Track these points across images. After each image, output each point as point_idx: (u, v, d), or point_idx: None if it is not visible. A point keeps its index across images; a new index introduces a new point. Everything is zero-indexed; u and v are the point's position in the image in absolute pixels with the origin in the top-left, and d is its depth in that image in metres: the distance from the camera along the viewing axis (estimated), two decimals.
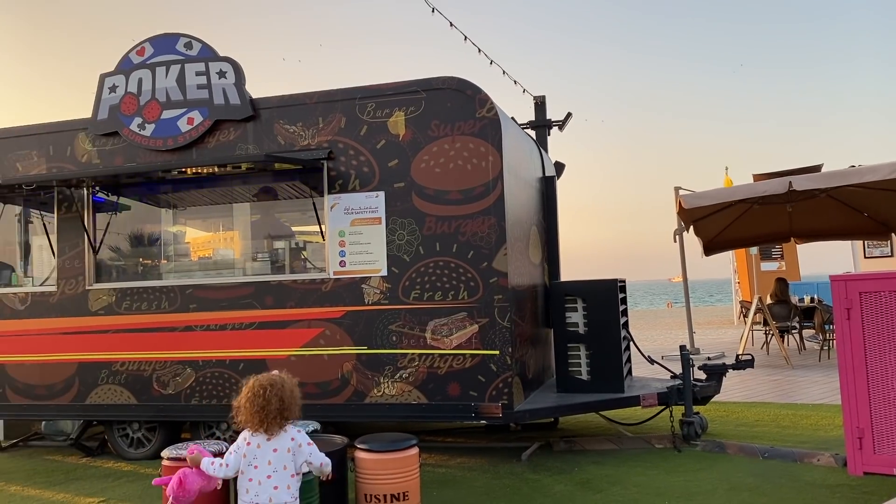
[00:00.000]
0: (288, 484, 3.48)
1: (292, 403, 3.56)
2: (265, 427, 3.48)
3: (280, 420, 3.50)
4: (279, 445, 3.50)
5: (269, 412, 3.46)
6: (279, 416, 3.49)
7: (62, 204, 6.74)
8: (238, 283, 6.26)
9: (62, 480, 5.97)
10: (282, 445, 3.50)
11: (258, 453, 3.49)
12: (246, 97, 6.23)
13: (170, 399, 6.30)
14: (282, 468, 3.48)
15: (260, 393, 3.49)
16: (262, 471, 3.46)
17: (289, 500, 3.46)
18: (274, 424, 3.49)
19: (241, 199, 6.80)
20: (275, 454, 3.48)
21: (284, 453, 3.49)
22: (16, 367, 6.72)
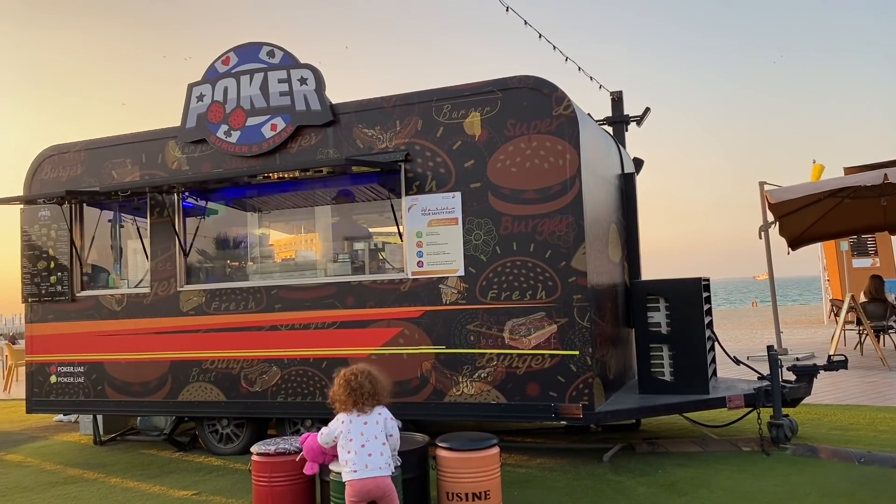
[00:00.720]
0: (381, 451, 3.88)
1: (382, 388, 4.05)
2: (358, 407, 3.94)
3: (371, 400, 3.96)
4: (369, 420, 3.93)
5: (360, 394, 3.94)
6: (371, 397, 3.97)
7: (154, 209, 7.06)
8: (320, 283, 6.41)
9: (157, 474, 6.25)
10: (371, 419, 3.94)
11: (352, 428, 3.91)
12: (326, 103, 6.38)
13: (257, 396, 6.52)
14: (373, 437, 3.89)
15: (352, 378, 3.99)
16: (356, 442, 3.87)
17: (382, 465, 3.83)
18: (366, 404, 3.95)
19: (322, 201, 6.97)
20: (366, 426, 3.91)
21: (374, 425, 3.92)
22: (113, 365, 7.08)
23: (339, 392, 4.00)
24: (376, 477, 3.81)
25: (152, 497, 5.52)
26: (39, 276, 7.47)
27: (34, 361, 7.46)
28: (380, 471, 3.82)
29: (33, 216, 7.57)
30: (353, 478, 3.82)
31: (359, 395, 3.93)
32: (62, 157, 7.48)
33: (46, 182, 7.49)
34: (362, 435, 3.89)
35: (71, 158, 7.42)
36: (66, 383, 7.27)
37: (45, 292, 7.43)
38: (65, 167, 7.43)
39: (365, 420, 3.93)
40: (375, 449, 3.86)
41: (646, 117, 9.80)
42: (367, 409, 3.95)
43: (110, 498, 5.55)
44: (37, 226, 7.55)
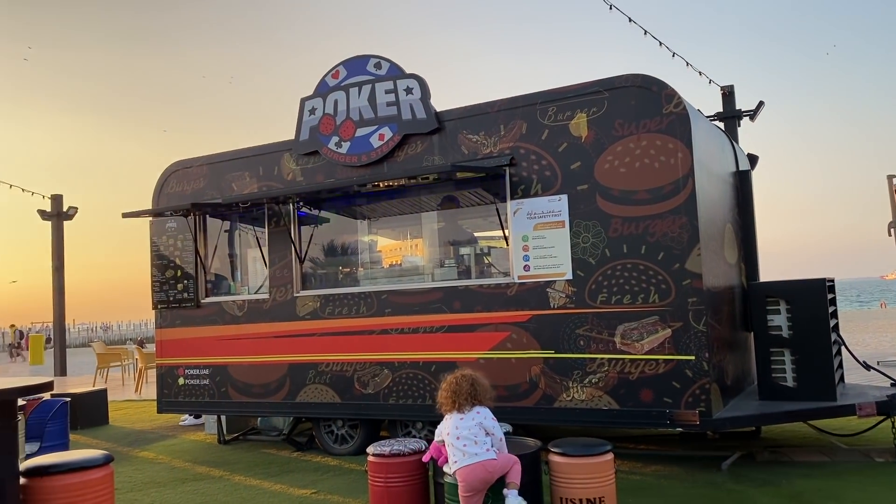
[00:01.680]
0: (476, 440, 4.06)
1: (483, 390, 4.26)
2: (458, 407, 4.19)
3: (470, 401, 4.19)
4: (466, 416, 4.15)
5: (460, 395, 4.19)
6: (470, 398, 4.19)
7: (272, 219, 7.39)
8: (428, 288, 6.52)
9: (277, 472, 6.53)
10: (468, 416, 4.15)
11: (451, 426, 4.16)
12: (431, 111, 6.48)
13: (369, 398, 6.69)
14: (468, 431, 4.09)
15: (453, 382, 4.29)
16: (452, 436, 4.12)
17: (480, 451, 4.02)
18: (465, 404, 4.18)
19: (428, 207, 7.09)
20: (461, 421, 4.14)
21: (470, 421, 4.13)
22: (236, 368, 7.46)
23: (443, 395, 4.30)
24: (475, 463, 4.00)
25: (274, 495, 5.76)
26: (167, 283, 7.97)
27: (164, 364, 7.96)
28: (476, 457, 4.02)
29: (161, 228, 8.08)
30: (456, 468, 4.05)
31: (457, 396, 4.20)
32: (186, 171, 7.95)
33: (172, 196, 7.99)
34: (457, 429, 4.11)
35: (194, 173, 7.88)
36: (193, 385, 7.71)
37: (172, 299, 7.92)
38: (189, 181, 7.90)
39: (462, 417, 4.16)
40: (470, 440, 4.06)
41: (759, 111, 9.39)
42: (465, 409, 4.18)
43: (235, 495, 5.83)
44: (164, 237, 8.06)
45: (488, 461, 4.02)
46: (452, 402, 4.22)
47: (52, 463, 3.65)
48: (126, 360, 15.91)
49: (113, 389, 12.91)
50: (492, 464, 4.03)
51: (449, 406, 4.24)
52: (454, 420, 4.18)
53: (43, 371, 22.58)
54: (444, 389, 4.32)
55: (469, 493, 4.01)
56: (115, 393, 13.36)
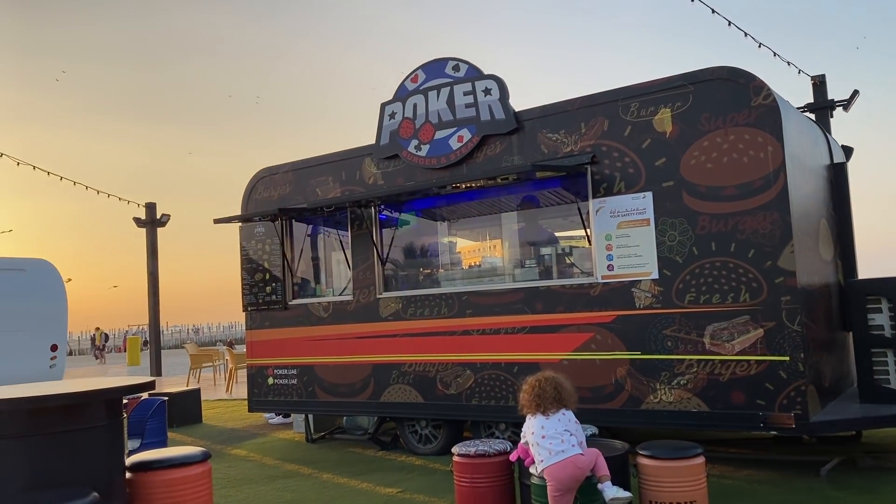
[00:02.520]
0: (562, 439, 4.02)
1: (567, 393, 4.20)
2: (542, 409, 4.13)
3: (555, 404, 4.13)
4: (552, 417, 4.11)
5: (544, 398, 4.14)
6: (555, 401, 4.14)
7: (354, 222, 7.54)
8: (509, 288, 6.50)
9: (363, 471, 6.65)
10: (554, 417, 4.11)
11: (536, 427, 4.11)
12: (510, 111, 6.47)
13: (452, 399, 6.73)
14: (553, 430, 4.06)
15: (536, 384, 4.22)
16: (537, 435, 4.08)
17: (567, 449, 3.98)
18: (550, 407, 4.13)
19: (507, 208, 7.07)
20: (547, 421, 4.10)
21: (556, 422, 4.09)
22: (322, 368, 7.64)
23: (525, 397, 4.25)
24: (565, 459, 3.95)
25: (361, 493, 5.87)
26: (256, 286, 8.24)
27: (254, 365, 8.23)
28: (563, 454, 3.97)
29: (250, 233, 8.36)
30: (544, 467, 4.00)
31: (542, 399, 4.15)
32: (272, 178, 8.20)
33: (260, 201, 8.25)
34: (543, 428, 4.08)
35: (280, 179, 8.12)
36: (282, 385, 7.94)
37: (261, 301, 8.18)
38: (275, 187, 8.15)
39: (546, 418, 4.12)
40: (556, 438, 4.02)
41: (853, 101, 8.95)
42: (549, 412, 4.13)
43: (324, 492, 5.97)
44: (253, 241, 8.33)
45: (577, 457, 3.98)
46: (536, 404, 4.17)
47: (154, 459, 3.83)
48: (217, 361, 16.54)
49: (205, 389, 13.43)
50: (581, 459, 3.98)
51: (532, 408, 4.20)
52: (538, 420, 4.15)
53: (139, 371, 23.73)
54: (526, 392, 4.27)
55: (559, 493, 3.95)
56: (207, 392, 13.90)
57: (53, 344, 13.41)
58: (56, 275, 13.82)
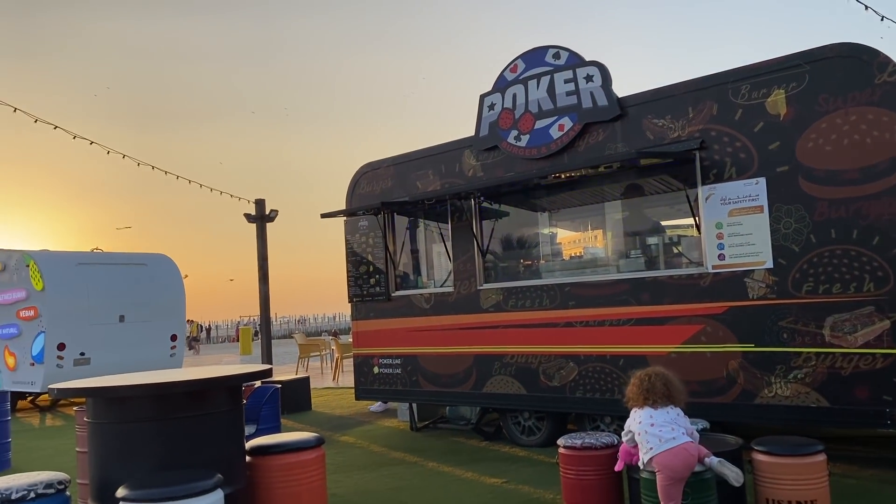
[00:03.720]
0: (672, 427, 3.92)
1: (677, 391, 4.09)
2: (651, 403, 4.04)
3: (664, 400, 4.03)
4: (661, 410, 4.01)
5: (653, 392, 4.04)
6: (664, 398, 4.03)
7: (454, 214, 7.60)
8: (613, 279, 6.38)
9: (468, 461, 6.71)
10: (663, 410, 4.01)
11: (643, 418, 4.02)
12: (613, 97, 6.34)
13: (555, 391, 6.68)
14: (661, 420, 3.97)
15: (645, 378, 4.12)
16: (644, 424, 3.99)
17: (677, 436, 3.88)
18: (659, 402, 4.03)
19: (610, 197, 6.93)
20: (656, 413, 4.01)
21: (664, 414, 3.99)
22: (425, 358, 7.75)
23: (633, 391, 4.17)
24: (676, 446, 3.84)
25: (466, 482, 5.93)
26: (361, 278, 8.45)
27: (359, 354, 8.45)
28: (674, 441, 3.86)
29: (354, 226, 8.58)
30: (653, 454, 3.90)
31: (650, 394, 4.05)
32: (375, 172, 8.38)
33: (363, 196, 8.45)
34: (651, 417, 4.00)
35: (382, 173, 8.28)
36: (386, 374, 8.12)
37: (366, 293, 8.38)
38: (378, 181, 8.32)
39: (655, 410, 4.03)
40: (667, 426, 3.93)
41: None
42: (658, 406, 4.03)
43: (429, 480, 6.07)
44: (357, 234, 8.54)
45: (688, 444, 3.87)
46: (644, 398, 4.08)
47: (272, 443, 4.01)
48: (324, 351, 17.09)
49: (313, 378, 13.91)
50: (692, 446, 3.88)
51: (640, 402, 4.11)
52: (646, 411, 4.05)
53: (251, 360, 24.84)
54: (634, 385, 4.18)
55: (669, 482, 3.83)
56: (315, 381, 14.39)
57: (173, 334, 14.25)
58: (175, 269, 14.66)
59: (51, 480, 3.58)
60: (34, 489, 3.48)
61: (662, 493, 3.87)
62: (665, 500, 3.87)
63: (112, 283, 13.27)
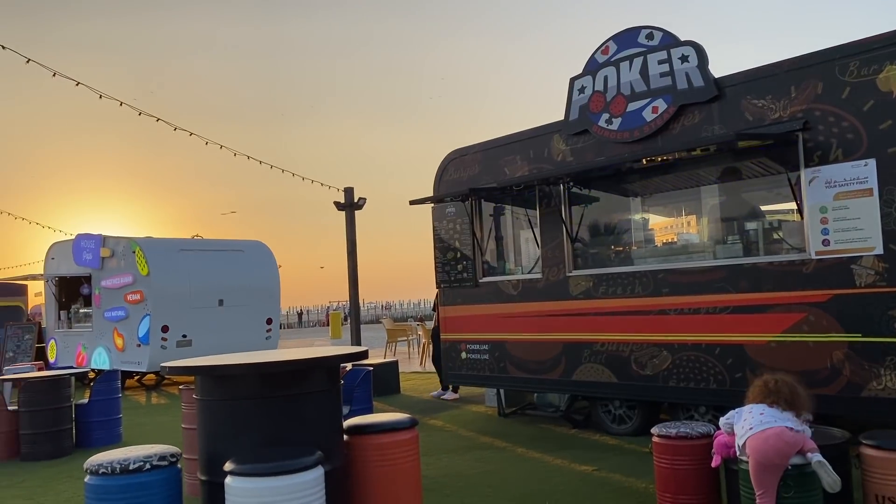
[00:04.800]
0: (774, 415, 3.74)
1: (802, 401, 3.86)
2: (769, 402, 3.83)
3: (786, 405, 3.80)
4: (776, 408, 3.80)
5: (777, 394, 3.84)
6: (786, 402, 3.82)
7: (543, 200, 7.54)
8: (709, 266, 6.20)
9: (556, 448, 6.69)
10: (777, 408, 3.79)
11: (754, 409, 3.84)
12: (710, 78, 6.13)
13: (647, 380, 6.56)
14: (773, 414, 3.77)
15: (772, 381, 3.92)
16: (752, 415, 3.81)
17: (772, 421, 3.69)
18: (777, 405, 3.81)
19: (705, 181, 6.72)
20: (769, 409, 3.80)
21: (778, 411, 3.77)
22: (513, 345, 7.76)
23: (755, 392, 3.97)
24: (769, 429, 3.66)
25: (555, 469, 5.92)
26: (448, 265, 8.52)
27: (447, 339, 8.53)
28: (766, 425, 3.69)
29: (441, 213, 8.65)
30: (744, 439, 3.75)
31: (773, 395, 3.85)
32: (462, 159, 8.41)
33: (451, 182, 8.50)
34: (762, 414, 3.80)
35: (470, 160, 8.30)
36: (474, 359, 8.18)
37: (453, 279, 8.45)
38: (465, 168, 8.35)
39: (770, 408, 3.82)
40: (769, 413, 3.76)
41: None
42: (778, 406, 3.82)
43: (518, 466, 6.09)
44: (444, 221, 8.61)
45: (783, 429, 3.65)
46: (763, 398, 3.88)
47: (368, 423, 4.12)
48: (411, 336, 17.36)
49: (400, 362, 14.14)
50: (787, 433, 3.64)
51: (757, 401, 3.92)
52: (758, 405, 3.86)
53: (341, 344, 25.47)
54: (758, 387, 3.97)
55: (759, 468, 3.65)
56: (403, 365, 14.63)
57: (268, 318, 14.79)
58: (270, 255, 15.18)
59: (164, 453, 3.80)
60: (149, 461, 3.71)
61: (754, 480, 3.71)
62: (757, 488, 3.73)
63: (211, 269, 13.88)
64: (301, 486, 3.26)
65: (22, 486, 6.40)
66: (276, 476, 3.21)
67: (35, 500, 5.91)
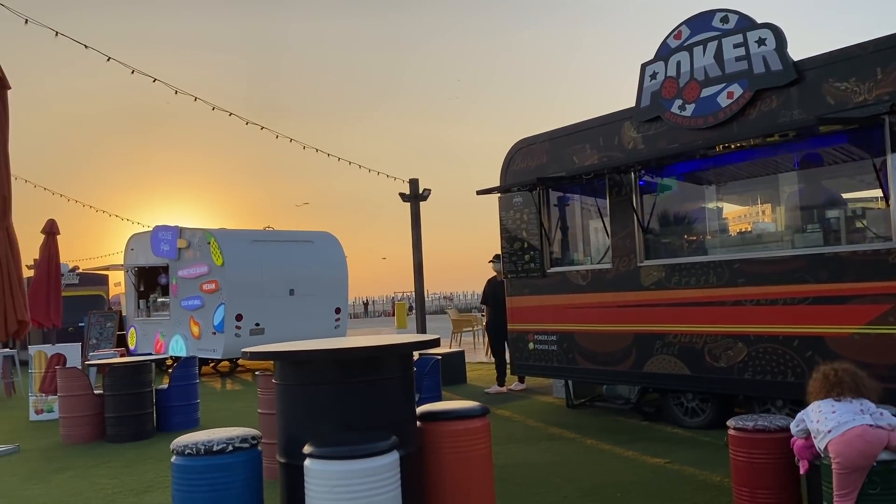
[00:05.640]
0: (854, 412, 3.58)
1: (867, 385, 3.72)
2: (834, 395, 3.70)
3: (852, 393, 3.67)
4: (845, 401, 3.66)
5: (840, 385, 3.70)
6: (850, 391, 3.68)
7: (613, 189, 7.44)
8: (788, 255, 6.00)
9: (627, 440, 6.61)
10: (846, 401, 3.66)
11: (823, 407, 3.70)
12: (788, 61, 5.92)
13: (721, 372, 6.41)
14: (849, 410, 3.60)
15: (831, 373, 3.76)
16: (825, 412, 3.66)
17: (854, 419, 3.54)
18: (846, 394, 3.68)
19: (784, 168, 6.51)
20: (839, 404, 3.66)
21: (848, 404, 3.63)
22: (582, 335, 7.69)
23: (815, 385, 3.83)
24: (849, 430, 3.50)
25: (626, 460, 5.86)
26: (515, 255, 8.50)
27: (515, 330, 8.52)
28: (848, 424, 3.52)
29: (508, 203, 8.63)
30: (826, 441, 3.59)
31: (836, 387, 3.71)
32: (530, 148, 8.36)
33: (518, 172, 8.46)
34: (833, 406, 3.67)
35: (537, 149, 8.25)
36: (542, 350, 8.14)
37: (520, 269, 8.43)
38: (532, 157, 8.30)
39: (839, 400, 3.68)
40: (848, 413, 3.58)
41: None
42: (843, 398, 3.68)
43: (588, 457, 6.05)
44: (511, 211, 8.59)
45: (866, 428, 3.49)
46: (827, 392, 3.75)
47: (440, 410, 4.16)
48: (476, 326, 17.40)
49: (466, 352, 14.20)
50: (870, 432, 3.48)
51: (822, 396, 3.78)
52: (827, 402, 3.72)
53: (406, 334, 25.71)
54: (817, 380, 3.83)
55: (842, 471, 3.52)
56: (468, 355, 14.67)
57: (337, 307, 15.06)
58: (338, 246, 15.44)
59: (245, 436, 3.93)
60: (232, 443, 3.84)
61: (837, 483, 3.58)
62: (837, 489, 3.59)
63: (283, 259, 14.22)
64: (378, 470, 3.32)
65: (108, 467, 6.72)
66: (353, 459, 3.28)
67: (120, 479, 6.20)
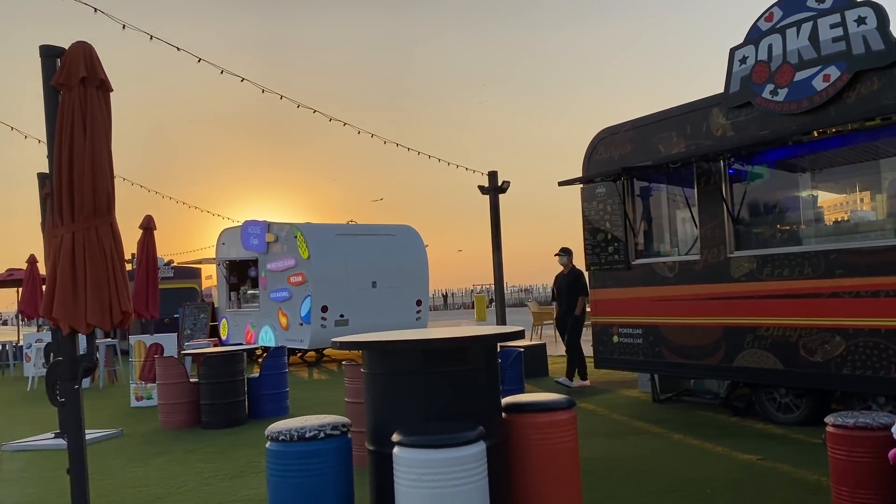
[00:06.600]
0: None
1: None
2: None
3: None
4: None
5: None
6: None
7: (701, 178, 7.23)
8: (890, 245, 5.70)
9: (716, 435, 6.43)
10: None
11: None
12: (891, 40, 5.61)
13: (818, 367, 6.16)
14: None
15: None
16: None
17: None
18: None
19: (885, 154, 6.17)
20: None
21: None
22: (668, 329, 7.53)
23: None
24: None
25: (716, 456, 5.71)
26: (599, 246, 8.39)
27: (598, 323, 8.42)
28: None
29: (591, 193, 8.52)
30: None
31: None
32: (613, 137, 8.22)
33: (600, 162, 8.34)
34: None
35: (621, 138, 8.11)
36: (627, 343, 8.01)
37: (604, 261, 8.31)
38: (616, 147, 8.16)
39: None
40: None
41: None
42: None
43: (676, 453, 5.92)
44: (594, 202, 8.47)
45: None
46: None
47: (526, 402, 4.17)
48: None
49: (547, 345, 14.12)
50: None
51: None
52: None
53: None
54: None
55: None
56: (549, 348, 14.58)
57: (418, 299, 15.24)
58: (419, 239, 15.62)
59: (336, 423, 4.04)
60: (323, 430, 3.96)
61: None
62: None
63: (365, 252, 14.50)
64: (465, 460, 3.36)
65: (203, 452, 7.04)
66: (441, 448, 3.33)
67: (215, 464, 6.49)
